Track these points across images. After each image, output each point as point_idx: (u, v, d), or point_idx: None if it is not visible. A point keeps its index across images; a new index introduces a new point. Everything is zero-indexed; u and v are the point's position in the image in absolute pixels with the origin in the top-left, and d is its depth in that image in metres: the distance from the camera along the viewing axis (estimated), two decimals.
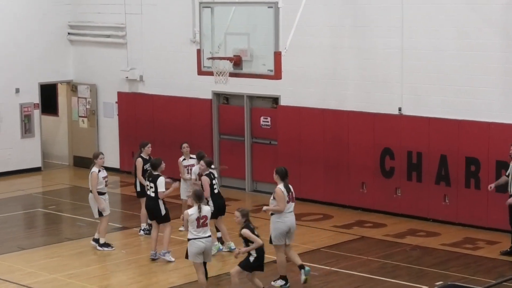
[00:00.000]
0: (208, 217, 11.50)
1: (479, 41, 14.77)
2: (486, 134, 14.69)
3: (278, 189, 12.02)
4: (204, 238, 11.37)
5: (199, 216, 11.35)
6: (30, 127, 20.66)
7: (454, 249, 13.86)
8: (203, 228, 11.39)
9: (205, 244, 11.40)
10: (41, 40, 20.67)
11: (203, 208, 11.43)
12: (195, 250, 11.35)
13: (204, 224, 11.39)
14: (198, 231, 11.35)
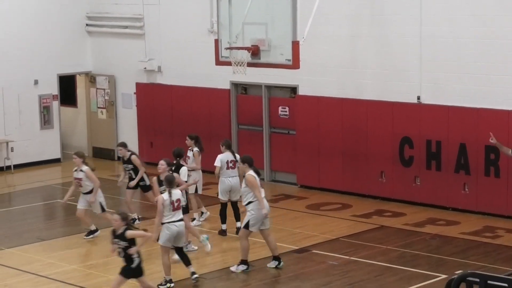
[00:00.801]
0: (181, 200, 11.70)
1: (498, 29, 14.65)
2: (505, 122, 14.59)
3: (250, 176, 12.06)
4: (177, 221, 11.57)
5: (173, 199, 11.53)
6: (49, 119, 20.76)
7: (474, 237, 13.80)
8: (177, 211, 11.58)
9: (178, 228, 11.59)
10: (59, 32, 20.74)
11: (174, 192, 11.62)
12: (169, 234, 11.53)
13: (178, 207, 11.59)
14: (173, 214, 11.53)
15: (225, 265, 12.64)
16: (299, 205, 16.17)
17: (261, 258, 12.97)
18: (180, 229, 11.63)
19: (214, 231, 14.45)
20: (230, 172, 14.26)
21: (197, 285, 11.77)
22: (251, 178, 12.06)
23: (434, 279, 11.81)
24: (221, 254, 13.25)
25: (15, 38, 20.09)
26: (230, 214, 14.48)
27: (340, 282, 11.85)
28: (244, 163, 12.39)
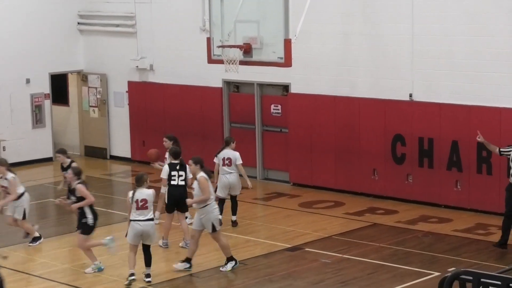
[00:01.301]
0: (148, 200, 11.60)
1: (489, 26, 14.68)
2: (497, 120, 14.63)
3: (202, 177, 12.01)
4: (142, 221, 11.54)
5: (138, 198, 11.51)
6: (41, 118, 20.71)
7: (466, 235, 13.83)
8: (143, 211, 11.54)
9: (143, 227, 11.56)
10: (51, 30, 20.69)
11: (140, 191, 11.59)
12: (133, 231, 11.59)
13: (143, 207, 11.55)
14: (138, 213, 11.54)
15: (218, 264, 12.64)
16: (292, 203, 16.18)
17: (254, 257, 12.98)
18: (145, 229, 11.58)
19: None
20: (227, 168, 14.31)
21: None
22: (203, 180, 11.99)
23: (427, 277, 11.84)
24: (214, 253, 13.23)
25: (7, 37, 20.03)
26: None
27: (333, 280, 11.87)
28: (196, 164, 12.26)
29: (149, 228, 11.65)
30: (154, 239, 11.87)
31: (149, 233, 11.68)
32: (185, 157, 19.48)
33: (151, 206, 11.72)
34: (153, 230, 11.77)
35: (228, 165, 14.35)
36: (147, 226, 11.62)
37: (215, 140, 18.75)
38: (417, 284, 11.59)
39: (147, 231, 11.64)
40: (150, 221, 11.68)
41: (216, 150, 18.84)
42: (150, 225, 11.67)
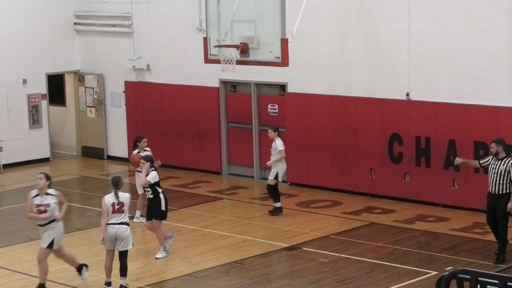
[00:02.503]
0: (125, 204, 11.51)
1: (486, 25, 14.69)
2: (494, 119, 14.64)
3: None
4: (116, 224, 11.41)
5: (115, 202, 11.45)
6: (38, 118, 20.69)
7: (464, 234, 13.84)
8: (118, 214, 11.44)
9: (115, 231, 11.40)
10: (48, 31, 20.67)
11: (120, 195, 11.52)
12: (107, 236, 11.43)
13: (119, 210, 11.46)
14: (112, 216, 11.43)
15: (215, 264, 12.64)
16: (289, 203, 16.18)
17: (251, 256, 12.98)
18: (118, 232, 11.40)
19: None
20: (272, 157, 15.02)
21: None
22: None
23: (424, 276, 11.85)
24: (212, 253, 13.25)
25: (3, 37, 20.01)
26: None
27: (331, 279, 11.87)
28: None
29: (123, 232, 11.44)
30: (129, 244, 11.53)
31: (122, 237, 11.42)
32: (183, 157, 19.52)
33: (127, 210, 11.57)
34: (127, 234, 11.49)
35: None
36: (120, 230, 11.42)
37: (212, 140, 18.75)
38: (414, 283, 11.60)
39: (120, 234, 11.42)
40: (124, 224, 11.47)
41: (214, 149, 18.91)
42: (124, 228, 11.47)
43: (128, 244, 11.52)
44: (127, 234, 11.50)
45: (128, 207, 11.60)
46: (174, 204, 16.27)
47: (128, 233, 11.52)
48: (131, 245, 11.58)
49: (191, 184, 17.88)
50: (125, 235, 11.47)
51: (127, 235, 11.49)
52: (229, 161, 18.75)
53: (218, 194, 17.20)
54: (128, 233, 11.51)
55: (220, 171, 18.72)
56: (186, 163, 19.12)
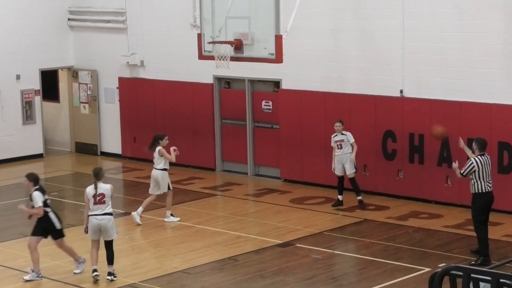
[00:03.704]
0: (106, 194, 11.59)
1: (480, 22, 14.71)
2: (487, 116, 14.67)
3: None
4: (99, 215, 11.55)
5: (95, 193, 11.54)
6: (32, 114, 20.65)
7: (457, 230, 13.87)
8: (100, 206, 11.55)
9: (99, 222, 11.55)
10: (41, 26, 20.62)
11: (100, 186, 11.60)
12: (91, 226, 11.60)
13: (101, 201, 11.56)
14: (95, 208, 11.55)
15: (209, 260, 12.65)
16: (283, 199, 16.19)
17: (245, 253, 12.98)
18: (102, 223, 11.56)
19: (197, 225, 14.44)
20: (339, 151, 15.20)
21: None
22: None
23: (418, 272, 11.87)
24: (205, 249, 13.25)
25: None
26: None
27: (324, 275, 11.89)
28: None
29: (106, 222, 11.58)
30: (113, 234, 11.73)
31: (106, 227, 11.59)
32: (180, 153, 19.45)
33: (108, 200, 11.65)
34: (111, 224, 11.65)
35: (340, 148, 15.20)
36: (104, 220, 11.57)
37: (206, 137, 18.75)
38: (407, 280, 11.62)
39: (104, 225, 11.58)
40: (107, 215, 11.61)
41: (208, 146, 18.91)
42: (108, 219, 11.60)
43: (112, 234, 11.72)
44: (111, 224, 11.66)
45: (109, 197, 11.68)
46: None
47: (112, 223, 11.68)
48: (115, 234, 11.78)
49: (185, 181, 17.88)
50: (109, 226, 11.63)
51: (111, 225, 11.66)
52: (223, 157, 18.75)
53: (212, 190, 17.20)
54: (111, 223, 11.67)
55: (214, 168, 18.72)
56: (180, 160, 19.02)
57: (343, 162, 15.24)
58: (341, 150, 15.23)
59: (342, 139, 15.24)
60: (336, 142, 15.30)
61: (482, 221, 12.16)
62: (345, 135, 15.26)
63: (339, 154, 15.25)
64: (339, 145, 15.26)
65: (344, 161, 15.25)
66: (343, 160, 15.24)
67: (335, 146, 15.30)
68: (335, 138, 15.33)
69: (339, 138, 15.27)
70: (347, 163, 15.25)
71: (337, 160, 15.32)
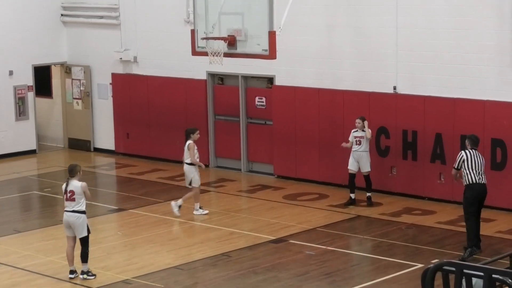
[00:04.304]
0: (76, 192, 11.53)
1: (474, 19, 14.73)
2: (481, 112, 14.69)
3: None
4: (68, 212, 11.55)
5: (66, 189, 11.55)
6: (24, 110, 20.60)
7: (450, 227, 13.89)
8: (70, 202, 11.54)
9: (68, 218, 11.55)
10: (34, 22, 20.56)
11: (71, 183, 11.58)
12: (63, 221, 11.67)
13: (70, 198, 11.53)
14: (66, 204, 11.59)
15: (202, 256, 12.64)
16: (276, 196, 16.20)
17: (238, 249, 12.99)
18: (70, 220, 11.53)
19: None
20: (356, 147, 15.12)
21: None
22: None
23: (410, 268, 11.89)
24: (199, 245, 13.25)
25: None
26: None
27: (317, 272, 11.90)
28: None
29: (74, 220, 11.53)
30: (82, 232, 11.59)
31: (74, 225, 11.54)
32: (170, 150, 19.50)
33: (78, 198, 11.56)
34: (80, 222, 11.55)
35: (358, 144, 15.12)
36: (72, 217, 11.53)
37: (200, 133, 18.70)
38: (400, 276, 11.64)
39: (73, 222, 11.54)
40: (76, 213, 11.54)
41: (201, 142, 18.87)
42: (76, 216, 11.53)
43: (82, 232, 11.62)
44: (80, 222, 11.58)
45: (80, 195, 11.58)
46: (161, 197, 16.28)
47: (81, 221, 11.58)
48: (85, 233, 11.66)
49: (178, 177, 17.85)
50: (77, 223, 11.56)
51: (80, 223, 11.57)
52: (216, 153, 18.75)
53: (205, 186, 17.17)
54: (81, 221, 11.57)
55: (208, 164, 18.71)
56: (173, 156, 19.08)
57: (358, 159, 15.18)
58: (359, 147, 15.16)
59: (362, 135, 15.15)
60: (355, 138, 15.23)
61: (471, 213, 12.20)
62: (365, 132, 15.18)
63: (356, 150, 15.18)
64: (358, 141, 15.18)
65: (360, 158, 15.19)
66: (359, 156, 15.17)
67: (353, 141, 15.20)
68: (354, 134, 15.23)
69: (359, 134, 15.18)
70: (362, 161, 15.18)
71: (353, 156, 15.26)
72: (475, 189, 12.17)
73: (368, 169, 15.28)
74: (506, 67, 14.47)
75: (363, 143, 15.19)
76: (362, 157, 15.19)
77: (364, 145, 15.19)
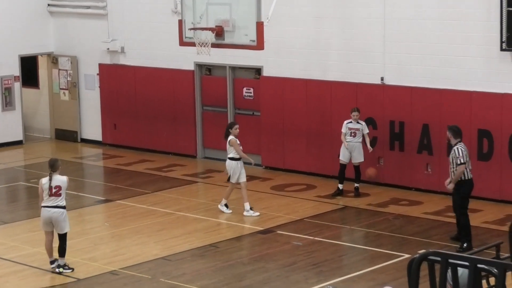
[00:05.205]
0: (62, 187, 11.47)
1: (461, 10, 14.75)
2: (467, 103, 14.74)
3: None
4: (51, 207, 11.43)
5: (51, 185, 11.41)
6: (11, 100, 20.49)
7: (436, 217, 13.95)
8: (55, 198, 11.43)
9: (51, 214, 11.44)
10: (21, 12, 20.43)
11: (56, 178, 11.48)
12: (42, 218, 11.52)
13: (56, 193, 11.44)
14: (48, 200, 11.43)
15: (189, 247, 12.64)
16: (264, 186, 16.20)
17: (226, 240, 12.99)
18: (53, 216, 11.44)
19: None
20: (350, 138, 15.16)
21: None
22: None
23: (397, 259, 11.93)
24: (186, 236, 13.25)
25: None
26: None
27: (305, 262, 11.92)
28: None
29: (58, 215, 11.46)
30: (65, 227, 11.56)
31: (58, 220, 11.46)
32: (157, 141, 19.45)
33: (63, 193, 11.52)
34: (63, 217, 11.51)
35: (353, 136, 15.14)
36: (55, 213, 11.44)
37: (187, 123, 18.70)
38: (387, 266, 11.68)
39: (56, 218, 11.45)
40: (59, 208, 11.47)
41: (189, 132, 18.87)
42: (59, 212, 11.47)
43: (65, 227, 11.57)
44: (63, 217, 11.52)
45: (64, 190, 11.54)
46: (148, 188, 16.25)
47: (64, 216, 11.53)
48: (67, 228, 11.61)
49: (166, 168, 17.84)
50: (60, 219, 11.50)
51: (63, 219, 11.52)
52: (204, 144, 18.73)
53: (193, 177, 17.18)
54: (63, 216, 11.53)
55: (195, 155, 18.69)
56: (160, 147, 19.06)
57: (351, 149, 15.19)
58: (353, 138, 15.17)
59: (358, 128, 15.16)
60: (350, 130, 15.21)
61: (467, 208, 12.27)
62: (361, 124, 15.20)
63: (350, 141, 15.18)
64: (353, 133, 15.18)
65: (353, 149, 15.20)
66: (352, 147, 15.18)
67: (347, 133, 15.18)
68: (349, 125, 15.20)
69: (355, 126, 15.17)
70: (355, 152, 15.19)
71: (345, 147, 15.21)
72: (470, 185, 12.28)
73: (361, 160, 15.28)
74: (493, 58, 14.52)
75: (358, 135, 15.18)
76: (356, 147, 15.20)
77: (358, 137, 15.21)
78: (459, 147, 12.26)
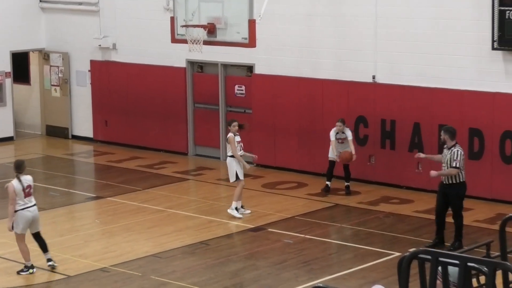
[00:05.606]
0: (31, 185, 11.50)
1: (452, 9, 14.78)
2: (458, 102, 14.77)
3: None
4: (31, 207, 11.46)
5: (24, 186, 11.38)
6: (2, 96, 20.43)
7: (427, 216, 13.97)
8: (29, 197, 11.46)
9: (33, 213, 11.48)
10: (13, 8, 20.36)
11: (24, 178, 11.47)
12: (25, 221, 11.40)
13: (29, 193, 11.47)
14: (26, 201, 11.41)
15: (180, 244, 12.64)
16: (255, 184, 16.20)
17: (217, 237, 12.99)
18: (34, 214, 11.50)
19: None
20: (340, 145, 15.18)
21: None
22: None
23: (388, 257, 11.96)
24: (177, 233, 13.24)
25: None
26: None
27: (295, 260, 11.93)
28: None
29: (37, 213, 11.55)
30: (40, 224, 11.67)
31: (37, 218, 11.53)
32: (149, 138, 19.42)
33: (33, 192, 11.55)
34: (38, 215, 11.64)
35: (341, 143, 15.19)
36: (35, 211, 11.51)
37: (179, 121, 18.68)
38: (378, 264, 11.71)
39: (36, 216, 11.52)
40: (35, 206, 11.53)
41: (180, 130, 18.84)
42: (37, 209, 11.57)
43: (39, 226, 11.65)
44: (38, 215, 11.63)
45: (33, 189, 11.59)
46: (139, 185, 16.23)
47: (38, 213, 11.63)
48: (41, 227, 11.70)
49: (157, 165, 17.83)
50: (38, 216, 11.59)
51: (38, 216, 11.62)
52: (196, 141, 18.72)
53: (184, 174, 17.17)
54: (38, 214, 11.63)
55: (186, 152, 18.68)
56: (152, 144, 19.04)
57: (341, 149, 15.18)
58: (342, 145, 15.21)
59: (344, 137, 15.20)
60: (337, 139, 15.25)
61: (462, 209, 12.35)
62: (346, 133, 15.20)
63: (338, 148, 15.19)
64: (341, 141, 15.21)
65: (343, 149, 15.18)
66: (342, 148, 15.19)
67: (335, 141, 15.21)
68: (336, 135, 15.22)
69: (341, 136, 15.20)
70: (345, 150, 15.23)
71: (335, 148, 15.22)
72: (465, 186, 12.34)
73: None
74: (484, 57, 14.55)
75: (346, 141, 15.21)
76: (346, 148, 15.21)
77: (346, 144, 15.21)
78: (459, 150, 12.22)
